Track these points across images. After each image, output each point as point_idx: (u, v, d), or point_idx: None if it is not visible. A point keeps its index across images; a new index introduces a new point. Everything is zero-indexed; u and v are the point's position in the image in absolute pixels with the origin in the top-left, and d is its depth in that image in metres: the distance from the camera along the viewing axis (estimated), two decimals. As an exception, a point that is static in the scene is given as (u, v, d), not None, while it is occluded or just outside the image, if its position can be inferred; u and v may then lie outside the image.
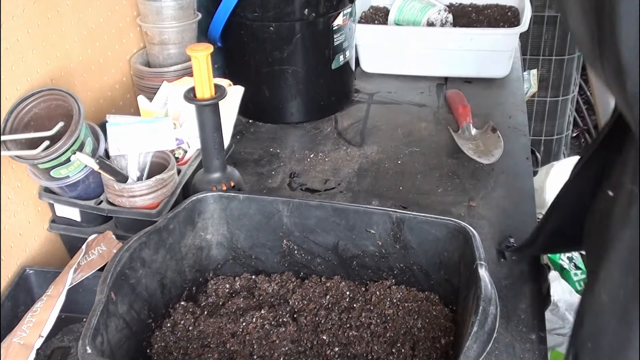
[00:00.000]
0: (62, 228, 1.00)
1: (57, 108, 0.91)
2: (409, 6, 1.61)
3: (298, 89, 1.36)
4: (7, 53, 0.89)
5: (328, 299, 0.83)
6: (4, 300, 0.88)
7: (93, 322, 0.65)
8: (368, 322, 0.79)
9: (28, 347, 0.78)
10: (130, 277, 0.74)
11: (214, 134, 0.91)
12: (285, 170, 1.24)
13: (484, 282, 0.67)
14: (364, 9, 1.73)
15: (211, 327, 0.79)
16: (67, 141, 0.86)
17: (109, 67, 1.18)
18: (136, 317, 0.75)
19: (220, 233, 0.88)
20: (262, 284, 0.86)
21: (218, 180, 0.95)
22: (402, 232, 0.82)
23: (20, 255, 0.95)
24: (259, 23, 1.29)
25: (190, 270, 0.86)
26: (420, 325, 0.78)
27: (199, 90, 0.88)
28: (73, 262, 0.88)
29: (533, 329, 0.85)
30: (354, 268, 0.87)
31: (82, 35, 1.08)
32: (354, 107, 1.47)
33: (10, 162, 0.90)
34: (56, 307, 0.82)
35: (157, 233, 0.79)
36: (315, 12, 1.29)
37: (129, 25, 1.22)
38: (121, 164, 0.95)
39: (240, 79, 1.22)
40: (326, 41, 1.33)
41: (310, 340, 0.77)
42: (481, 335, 0.61)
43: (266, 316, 0.80)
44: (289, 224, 0.86)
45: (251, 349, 0.76)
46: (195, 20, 1.22)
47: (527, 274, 0.95)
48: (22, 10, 0.92)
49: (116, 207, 0.94)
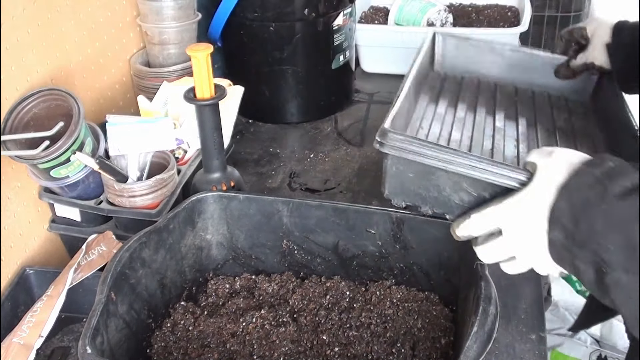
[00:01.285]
0: (62, 228, 1.00)
1: (57, 108, 0.91)
2: (409, 6, 1.61)
3: (298, 89, 1.36)
4: (7, 53, 0.89)
5: (328, 299, 0.83)
6: (4, 300, 0.88)
7: (93, 322, 0.65)
8: (368, 322, 0.79)
9: (28, 347, 0.78)
10: (130, 277, 0.74)
11: (214, 134, 0.91)
12: (285, 170, 1.24)
13: (484, 282, 0.67)
14: (364, 9, 1.73)
15: (211, 327, 0.79)
16: (67, 141, 0.86)
17: (109, 67, 1.18)
18: (136, 317, 0.75)
19: (220, 233, 0.88)
20: (262, 284, 0.86)
21: (218, 180, 0.95)
22: (402, 232, 0.82)
23: (20, 255, 0.95)
24: (259, 23, 1.29)
25: (190, 270, 0.86)
26: (420, 325, 0.78)
27: (199, 90, 0.88)
28: (73, 262, 0.88)
29: (533, 329, 0.85)
30: (354, 268, 0.87)
31: (82, 35, 1.08)
32: (354, 107, 1.47)
33: (10, 162, 0.90)
34: (56, 307, 0.82)
35: (157, 233, 0.79)
36: (315, 12, 1.29)
37: (129, 25, 1.22)
38: (121, 164, 0.95)
39: (240, 79, 1.22)
40: (326, 41, 1.33)
41: (310, 340, 0.77)
42: (481, 335, 0.61)
43: (266, 316, 0.80)
44: (289, 224, 0.86)
45: (251, 349, 0.76)
46: (195, 20, 1.22)
47: (527, 274, 0.95)
48: (22, 10, 0.92)
49: (116, 207, 0.94)
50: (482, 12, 1.69)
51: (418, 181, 0.69)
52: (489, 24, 1.64)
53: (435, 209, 0.71)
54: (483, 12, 1.69)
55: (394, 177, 0.70)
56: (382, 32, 1.57)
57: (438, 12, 1.59)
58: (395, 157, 0.68)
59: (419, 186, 0.70)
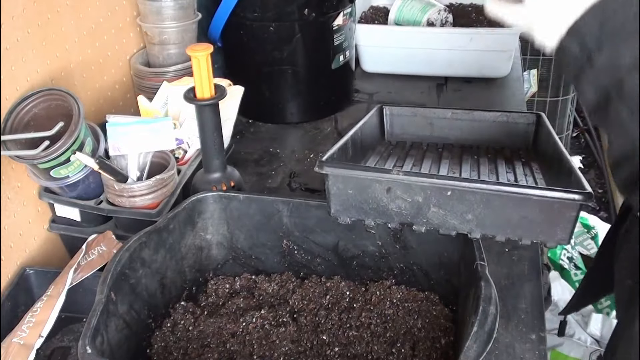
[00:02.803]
0: (62, 228, 1.00)
1: (57, 108, 0.91)
2: (409, 6, 1.61)
3: (298, 89, 1.36)
4: (7, 53, 0.89)
5: (328, 299, 0.83)
6: (4, 300, 0.88)
7: (93, 322, 0.65)
8: (368, 322, 0.79)
9: (28, 347, 0.78)
10: (130, 277, 0.74)
11: (214, 134, 0.91)
12: (285, 170, 1.24)
13: (484, 282, 0.67)
14: (364, 9, 1.73)
15: (211, 327, 0.79)
16: (67, 141, 0.86)
17: (109, 67, 1.18)
18: (136, 317, 0.75)
19: (220, 233, 0.88)
20: (262, 284, 0.87)
21: (218, 180, 0.95)
22: (402, 232, 0.82)
23: (20, 255, 0.95)
24: (259, 23, 1.29)
25: (190, 270, 0.86)
26: (420, 325, 0.78)
27: (199, 90, 0.88)
28: (73, 262, 0.88)
29: (533, 329, 0.85)
30: (354, 268, 0.87)
31: (82, 35, 1.08)
32: (354, 107, 1.47)
33: (10, 162, 0.90)
34: (56, 307, 0.82)
35: (157, 233, 0.79)
36: (315, 12, 1.29)
37: (129, 25, 1.22)
38: (121, 164, 0.95)
39: (240, 79, 1.22)
40: (326, 41, 1.33)
41: (310, 340, 0.77)
42: (481, 335, 0.61)
43: (266, 316, 0.80)
44: (289, 224, 0.86)
45: (251, 349, 0.76)
46: (195, 20, 1.22)
47: (527, 274, 0.95)
48: (22, 10, 0.92)
49: (116, 207, 0.94)
50: (482, 12, 1.68)
51: (357, 196, 0.76)
52: (489, 24, 1.64)
53: (377, 219, 0.77)
54: (483, 12, 1.69)
55: (336, 195, 0.77)
56: (382, 32, 1.57)
57: (438, 12, 1.59)
58: (334, 176, 0.75)
59: (359, 201, 0.76)
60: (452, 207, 0.72)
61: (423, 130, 1.05)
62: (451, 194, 0.72)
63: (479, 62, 1.51)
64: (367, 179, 0.74)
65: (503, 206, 0.71)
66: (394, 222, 0.76)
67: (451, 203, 0.72)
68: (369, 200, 0.75)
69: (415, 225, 0.75)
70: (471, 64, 1.52)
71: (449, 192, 0.71)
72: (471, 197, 0.71)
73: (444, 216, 0.73)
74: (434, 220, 0.74)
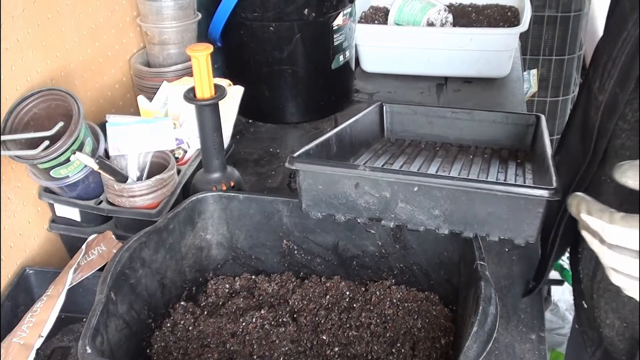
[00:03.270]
0: (62, 228, 1.00)
1: (57, 108, 0.91)
2: (409, 6, 1.61)
3: (298, 89, 1.36)
4: (7, 53, 0.89)
5: (328, 299, 0.83)
6: (4, 300, 0.88)
7: (93, 322, 0.65)
8: (368, 322, 0.79)
9: (28, 347, 0.78)
10: (130, 277, 0.74)
11: (214, 134, 0.91)
12: (285, 170, 1.24)
13: (484, 282, 0.67)
14: (364, 9, 1.73)
15: (211, 327, 0.79)
16: (67, 141, 0.86)
17: (109, 67, 1.18)
18: (136, 317, 0.75)
19: (220, 233, 0.88)
20: (262, 284, 0.86)
21: (218, 180, 0.95)
22: (402, 232, 0.82)
23: (20, 255, 0.95)
24: (259, 23, 1.29)
25: (190, 270, 0.86)
26: (420, 325, 0.78)
27: (199, 90, 0.88)
28: (73, 262, 0.88)
29: (533, 329, 0.85)
30: (354, 268, 0.87)
31: (82, 35, 1.08)
32: (354, 107, 1.47)
33: (10, 162, 0.90)
34: (56, 307, 0.82)
35: (157, 233, 0.79)
36: (315, 12, 1.29)
37: (129, 25, 1.22)
38: (121, 164, 0.95)
39: (240, 79, 1.22)
40: (326, 41, 1.33)
41: (310, 340, 0.77)
42: (481, 335, 0.61)
43: (266, 316, 0.80)
44: (289, 224, 0.86)
45: (251, 349, 0.76)
46: (195, 20, 1.22)
47: (527, 274, 0.95)
48: (22, 10, 0.92)
49: (116, 207, 0.94)
50: (482, 12, 1.69)
51: (327, 191, 0.76)
52: (489, 24, 1.64)
53: (346, 214, 0.77)
54: (483, 12, 1.69)
55: (307, 191, 0.77)
56: (382, 32, 1.57)
57: (438, 12, 1.59)
58: (304, 172, 0.76)
59: (329, 196, 0.77)
60: (420, 203, 0.72)
61: (422, 128, 1.05)
62: (418, 190, 0.71)
63: (479, 62, 1.52)
64: (336, 174, 0.75)
65: (470, 202, 0.70)
66: (363, 218, 0.76)
67: (418, 199, 0.72)
68: (339, 196, 0.76)
69: (383, 221, 0.75)
70: (471, 64, 1.52)
71: (416, 188, 0.71)
72: (437, 192, 0.71)
73: (411, 212, 0.73)
74: (402, 215, 0.74)
